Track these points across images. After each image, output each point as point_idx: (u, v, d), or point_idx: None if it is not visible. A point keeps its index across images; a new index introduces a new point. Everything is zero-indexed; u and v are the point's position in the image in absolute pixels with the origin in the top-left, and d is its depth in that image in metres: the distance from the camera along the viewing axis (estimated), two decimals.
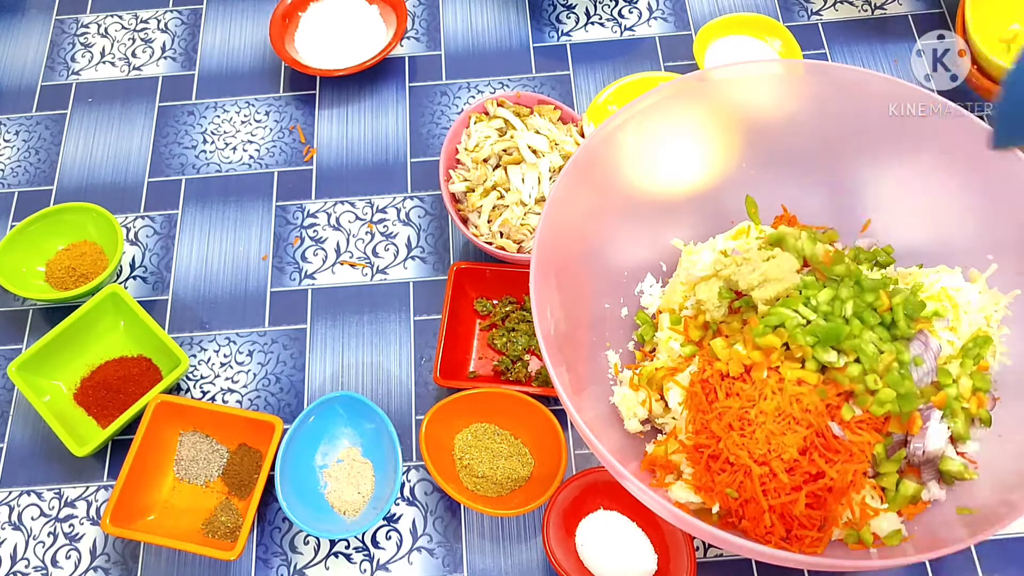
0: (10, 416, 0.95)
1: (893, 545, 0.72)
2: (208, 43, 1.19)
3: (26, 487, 0.91)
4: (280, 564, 0.86)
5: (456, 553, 0.86)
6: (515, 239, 0.94)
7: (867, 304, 0.76)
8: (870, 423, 0.73)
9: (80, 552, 0.88)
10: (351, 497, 0.87)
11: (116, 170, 1.10)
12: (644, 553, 0.81)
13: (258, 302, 1.00)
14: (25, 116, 1.15)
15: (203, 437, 0.91)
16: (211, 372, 0.97)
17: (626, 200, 0.89)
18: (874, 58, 1.13)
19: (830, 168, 0.90)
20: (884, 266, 0.86)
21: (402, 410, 0.93)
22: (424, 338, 0.97)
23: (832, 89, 0.86)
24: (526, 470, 0.87)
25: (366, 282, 1.01)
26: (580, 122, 1.02)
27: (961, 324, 0.79)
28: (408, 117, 1.12)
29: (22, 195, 1.09)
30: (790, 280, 0.78)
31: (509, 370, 0.93)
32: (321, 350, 0.97)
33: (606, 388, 0.85)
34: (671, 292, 0.88)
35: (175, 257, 1.04)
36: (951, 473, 0.74)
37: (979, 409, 0.77)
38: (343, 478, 0.88)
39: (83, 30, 1.22)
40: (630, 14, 1.19)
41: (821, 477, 0.72)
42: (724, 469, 0.74)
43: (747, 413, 0.73)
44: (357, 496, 0.87)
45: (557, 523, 0.82)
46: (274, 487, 0.84)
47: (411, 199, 1.06)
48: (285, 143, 1.11)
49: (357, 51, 1.13)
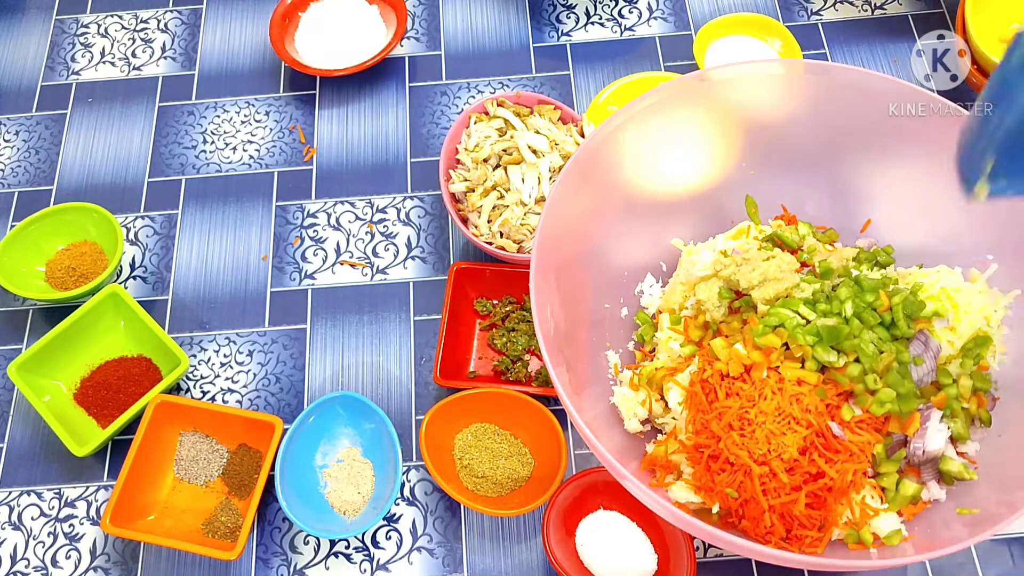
0: (10, 416, 0.95)
1: (893, 545, 0.72)
2: (208, 43, 1.19)
3: (26, 487, 0.91)
4: (280, 564, 0.86)
5: (456, 553, 0.86)
6: (515, 239, 0.94)
7: (867, 304, 0.76)
8: (870, 423, 0.74)
9: (80, 552, 0.88)
10: (351, 497, 0.87)
11: (116, 170, 1.10)
12: (644, 553, 0.81)
13: (258, 302, 1.00)
14: (25, 116, 1.15)
15: (203, 437, 0.91)
16: (211, 372, 0.97)
17: (626, 200, 0.89)
18: (874, 58, 1.13)
19: (830, 168, 0.90)
20: (884, 266, 0.86)
21: (402, 410, 0.93)
22: (424, 338, 0.97)
23: (832, 89, 0.86)
24: (526, 470, 0.87)
25: (366, 282, 1.01)
26: (580, 122, 1.02)
27: (961, 324, 0.79)
28: (408, 117, 1.12)
29: (22, 195, 1.09)
30: (790, 280, 0.78)
31: (509, 370, 0.93)
32: (321, 350, 0.97)
33: (606, 388, 0.85)
34: (671, 292, 0.88)
35: (175, 257, 1.04)
36: (951, 473, 0.74)
37: (979, 409, 0.77)
38: (343, 478, 0.88)
39: (83, 30, 1.22)
40: (630, 14, 1.19)
41: (821, 477, 0.72)
42: (724, 469, 0.74)
43: (747, 413, 0.73)
44: (357, 496, 0.87)
45: (557, 523, 0.82)
46: (274, 487, 0.84)
47: (411, 199, 1.06)
48: (285, 143, 1.11)
49: (357, 51, 1.13)
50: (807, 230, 0.88)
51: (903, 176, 0.87)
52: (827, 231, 0.89)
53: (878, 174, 0.88)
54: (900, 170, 0.87)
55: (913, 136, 0.84)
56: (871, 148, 0.87)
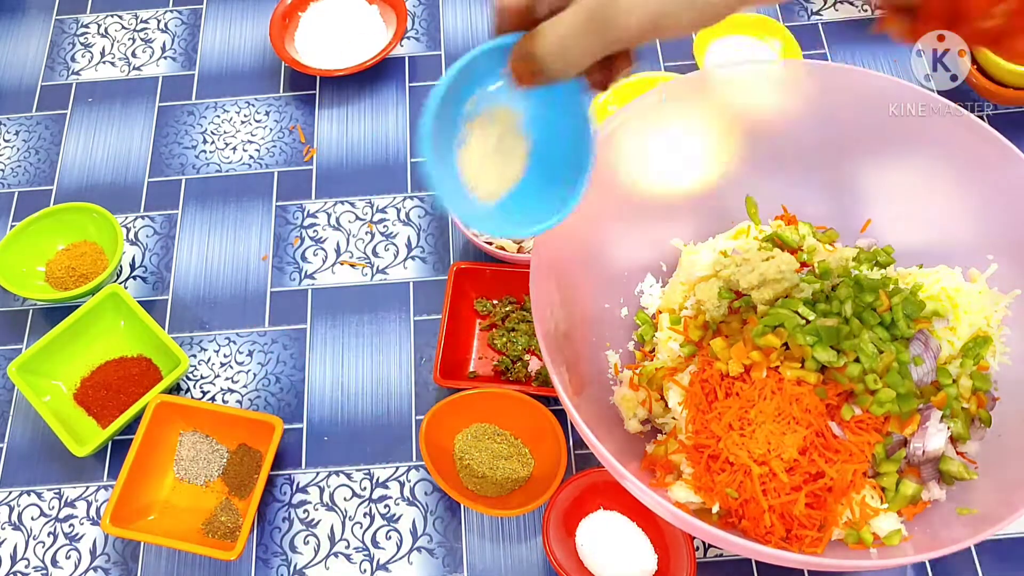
0: (10, 416, 0.95)
1: (893, 545, 0.72)
2: (208, 43, 1.19)
3: (26, 487, 0.91)
4: (280, 564, 0.86)
5: (456, 553, 0.86)
6: (515, 239, 0.94)
7: (867, 304, 0.76)
8: (870, 423, 0.74)
9: (80, 552, 0.88)
10: (487, 173, 0.60)
11: (116, 170, 1.10)
12: (644, 553, 0.81)
13: (258, 302, 1.00)
14: (25, 116, 1.15)
15: (203, 437, 0.91)
16: (211, 372, 0.97)
17: (626, 200, 0.89)
18: (874, 58, 1.13)
19: (830, 168, 0.90)
20: (884, 266, 0.86)
21: (402, 410, 0.93)
22: (424, 338, 0.97)
23: (832, 89, 0.86)
24: (526, 470, 0.87)
25: (366, 282, 1.01)
26: None
27: (961, 324, 0.79)
28: (408, 117, 1.12)
29: (22, 195, 1.09)
30: (789, 280, 0.78)
31: (509, 370, 0.93)
32: (321, 350, 0.97)
33: (606, 388, 0.85)
34: (671, 292, 0.88)
35: (175, 257, 1.04)
36: (951, 473, 0.74)
37: (979, 409, 0.77)
38: (486, 144, 0.59)
39: (83, 30, 1.22)
40: None
41: (821, 477, 0.72)
42: (724, 469, 0.74)
43: (747, 413, 0.74)
44: (495, 176, 0.60)
45: (557, 523, 0.82)
46: (274, 487, 0.84)
47: (411, 199, 1.06)
48: (285, 143, 1.11)
49: (357, 51, 1.13)
50: (807, 230, 0.88)
51: (903, 176, 0.87)
52: (827, 231, 0.89)
53: (878, 174, 0.88)
54: (900, 170, 0.87)
55: (913, 136, 0.84)
56: (871, 148, 0.87)
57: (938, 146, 0.84)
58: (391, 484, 0.90)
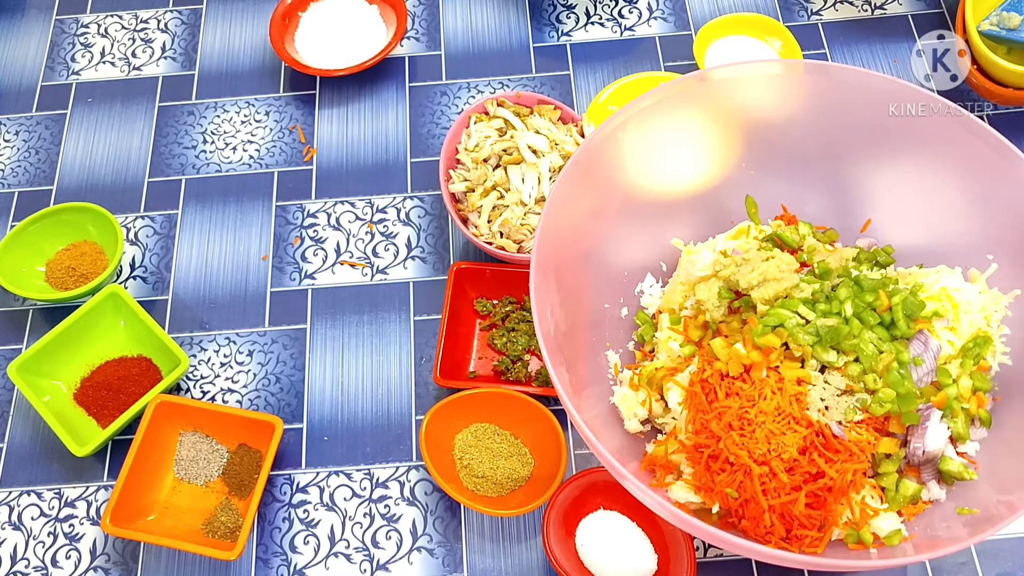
0: (10, 416, 0.95)
1: (893, 545, 0.72)
2: (208, 43, 1.19)
3: (26, 487, 0.91)
4: (280, 564, 0.86)
5: (456, 553, 0.86)
6: (515, 239, 0.94)
7: (867, 304, 0.76)
8: (870, 423, 0.74)
9: (80, 552, 0.88)
10: None
11: (116, 170, 1.10)
12: (644, 553, 0.81)
13: (258, 302, 1.00)
14: (25, 116, 1.15)
15: (203, 437, 0.91)
16: (211, 372, 0.97)
17: (626, 200, 0.89)
18: (874, 58, 1.13)
19: (830, 168, 0.90)
20: (884, 266, 0.86)
21: (402, 410, 0.93)
22: (424, 338, 0.97)
23: (832, 89, 0.86)
24: (526, 470, 0.87)
25: (366, 282, 1.01)
26: (580, 122, 1.02)
27: (961, 324, 0.79)
28: (408, 117, 1.12)
29: (22, 195, 1.09)
30: (789, 280, 0.78)
31: (509, 370, 0.93)
32: (321, 350, 0.97)
33: (606, 388, 0.85)
34: (671, 292, 0.88)
35: (175, 257, 1.04)
36: (951, 473, 0.74)
37: (979, 409, 0.77)
38: None
39: (83, 30, 1.22)
40: (630, 14, 1.19)
41: (821, 477, 0.72)
42: (724, 469, 0.74)
43: (747, 413, 0.74)
44: None
45: (557, 523, 0.82)
46: (274, 487, 0.84)
47: (411, 199, 1.06)
48: (285, 143, 1.11)
49: (357, 51, 1.13)
50: (807, 230, 0.88)
51: (903, 176, 0.87)
52: (827, 231, 0.89)
53: (878, 174, 0.88)
54: (900, 170, 0.87)
55: (913, 136, 0.84)
56: (871, 148, 0.87)
57: (938, 146, 0.84)
58: (391, 484, 0.90)
